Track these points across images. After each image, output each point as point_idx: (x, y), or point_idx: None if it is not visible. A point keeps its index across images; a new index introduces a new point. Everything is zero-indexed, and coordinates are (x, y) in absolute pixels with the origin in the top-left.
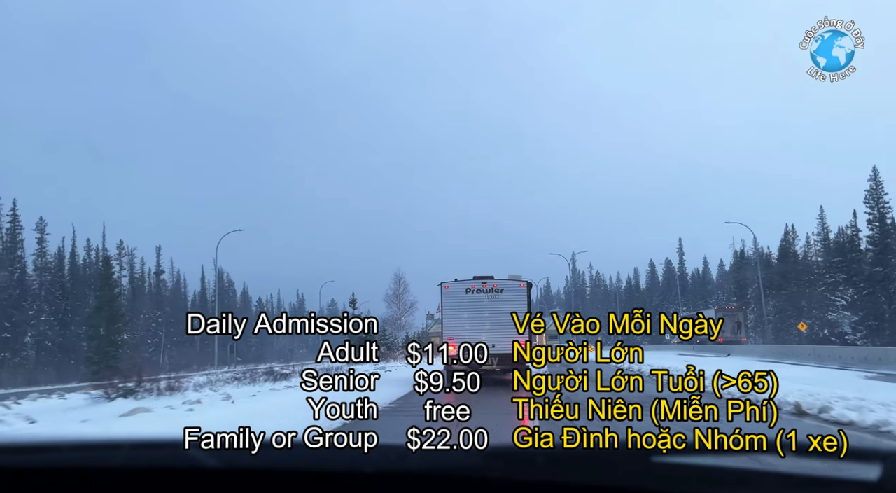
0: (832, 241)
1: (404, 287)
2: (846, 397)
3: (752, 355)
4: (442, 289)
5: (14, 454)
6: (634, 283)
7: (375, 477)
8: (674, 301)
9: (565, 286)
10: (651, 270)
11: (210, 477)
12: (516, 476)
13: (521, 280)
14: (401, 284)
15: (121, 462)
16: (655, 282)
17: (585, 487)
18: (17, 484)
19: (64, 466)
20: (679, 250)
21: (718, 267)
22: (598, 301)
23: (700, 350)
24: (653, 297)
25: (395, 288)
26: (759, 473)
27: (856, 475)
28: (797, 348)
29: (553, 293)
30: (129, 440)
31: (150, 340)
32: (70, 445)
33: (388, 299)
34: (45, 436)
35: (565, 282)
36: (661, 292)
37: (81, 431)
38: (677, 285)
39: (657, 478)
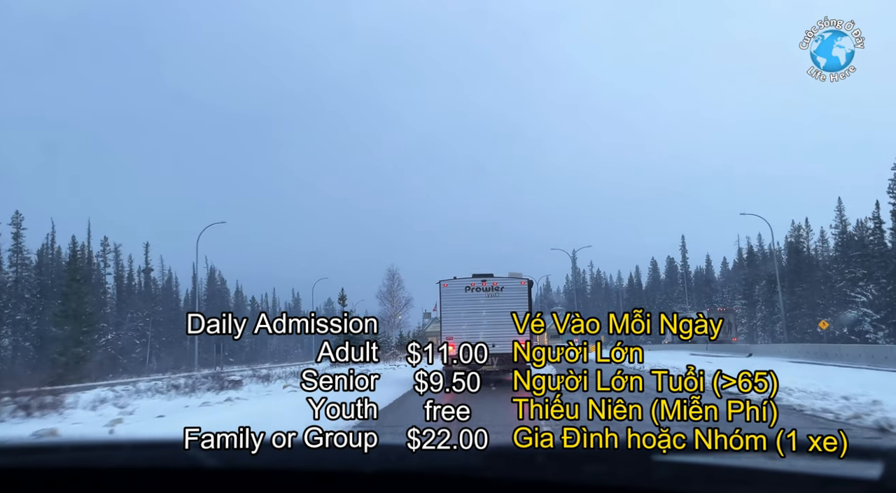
0: (850, 234)
1: (398, 284)
2: None
3: (777, 355)
4: (440, 287)
5: (15, 455)
6: (636, 281)
7: (375, 477)
8: (678, 299)
9: (566, 285)
10: (653, 268)
11: (210, 477)
12: (516, 476)
13: (522, 278)
14: (395, 280)
15: (121, 463)
16: (657, 280)
17: (586, 486)
18: (18, 485)
19: (64, 466)
20: (682, 248)
21: (721, 265)
22: (599, 300)
23: (714, 350)
24: (655, 295)
25: (389, 284)
26: (760, 471)
27: (857, 473)
28: (841, 349)
29: (553, 292)
30: (130, 440)
31: (139, 340)
32: (70, 445)
33: (381, 296)
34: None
35: (566, 280)
36: (663, 289)
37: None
38: (681, 284)
39: (658, 478)
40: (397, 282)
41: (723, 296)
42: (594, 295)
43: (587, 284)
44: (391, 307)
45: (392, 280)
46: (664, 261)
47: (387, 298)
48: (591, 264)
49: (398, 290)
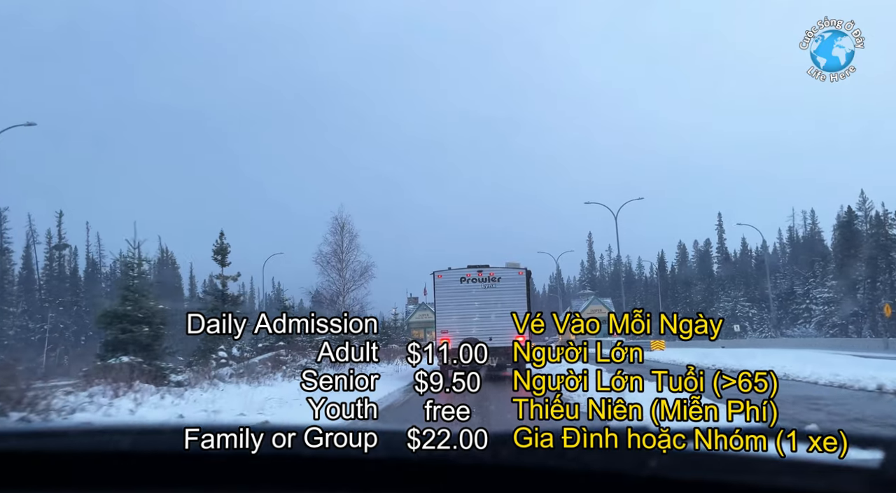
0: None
1: (350, 240)
2: None
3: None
4: (434, 279)
5: (23, 439)
6: (665, 267)
7: (376, 470)
8: (732, 286)
9: (580, 273)
10: (681, 252)
11: (214, 462)
12: (521, 463)
13: (520, 268)
14: (343, 232)
15: (127, 447)
16: (687, 267)
17: (585, 474)
18: (27, 468)
19: (72, 451)
20: (718, 228)
21: (759, 248)
22: (622, 289)
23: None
24: (693, 282)
25: (335, 241)
26: (759, 459)
27: (857, 461)
28: None
29: (565, 282)
30: (136, 425)
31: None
32: (77, 430)
33: (320, 259)
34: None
35: (580, 267)
36: (700, 277)
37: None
38: (712, 269)
39: (657, 466)
40: (348, 238)
41: (776, 281)
42: (613, 284)
43: (605, 271)
44: (339, 278)
45: (339, 232)
46: (692, 245)
47: (330, 263)
48: (610, 248)
49: (350, 250)
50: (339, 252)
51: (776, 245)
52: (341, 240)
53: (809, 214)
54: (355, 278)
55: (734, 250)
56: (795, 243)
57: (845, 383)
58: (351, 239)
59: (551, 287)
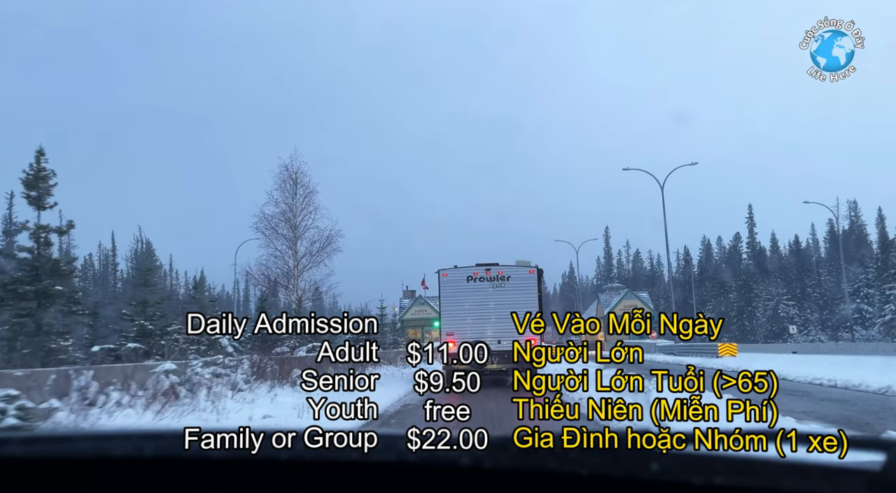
0: None
1: (307, 196)
2: None
3: None
4: (439, 277)
5: (30, 445)
6: (691, 264)
7: (376, 472)
8: (772, 283)
9: (596, 270)
10: (705, 248)
11: (215, 467)
12: (518, 466)
13: (530, 266)
14: (297, 185)
15: (130, 452)
16: (711, 263)
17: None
18: (34, 474)
19: (79, 456)
20: (748, 221)
21: (791, 243)
22: (642, 285)
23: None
24: (727, 280)
25: (284, 199)
26: (762, 462)
27: (859, 464)
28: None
29: (578, 280)
30: (138, 431)
31: None
32: (82, 436)
33: (262, 224)
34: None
35: (596, 264)
36: (733, 273)
37: None
38: (743, 265)
39: (658, 469)
40: (304, 194)
41: (820, 277)
42: (636, 279)
43: (624, 267)
44: (290, 252)
45: (290, 183)
46: (717, 241)
47: (280, 228)
48: (628, 243)
49: (306, 213)
50: (289, 215)
51: (808, 241)
52: (293, 198)
53: (853, 205)
54: (313, 251)
55: (765, 246)
56: (834, 238)
57: None
58: (307, 195)
59: (561, 286)
